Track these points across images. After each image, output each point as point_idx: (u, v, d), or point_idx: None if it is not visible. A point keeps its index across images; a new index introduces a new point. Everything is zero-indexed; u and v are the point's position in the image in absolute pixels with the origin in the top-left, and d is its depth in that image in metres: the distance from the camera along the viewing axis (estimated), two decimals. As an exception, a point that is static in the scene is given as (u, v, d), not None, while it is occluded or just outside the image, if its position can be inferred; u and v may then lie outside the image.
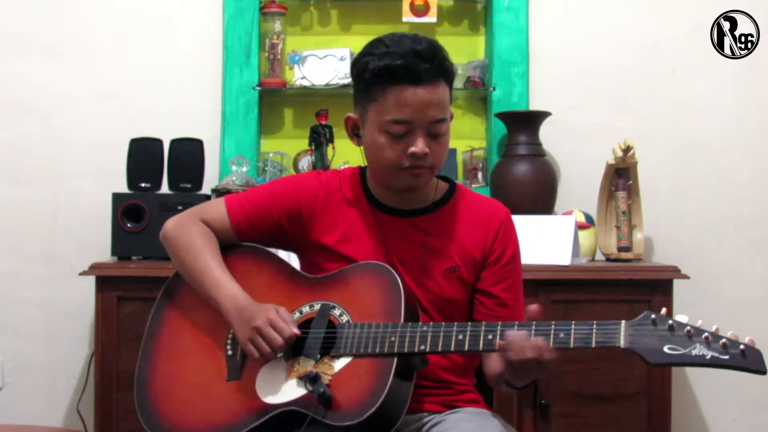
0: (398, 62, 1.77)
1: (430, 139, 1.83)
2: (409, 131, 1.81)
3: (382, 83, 1.80)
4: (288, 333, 1.78)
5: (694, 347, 1.56)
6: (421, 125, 1.81)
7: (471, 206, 1.97)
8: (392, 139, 1.82)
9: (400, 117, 1.80)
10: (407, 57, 1.77)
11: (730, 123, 3.32)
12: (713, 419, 3.31)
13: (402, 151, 1.82)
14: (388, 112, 1.81)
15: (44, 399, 3.30)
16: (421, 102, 1.79)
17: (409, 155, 1.82)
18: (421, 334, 1.74)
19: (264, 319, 1.79)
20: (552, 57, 3.33)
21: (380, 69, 1.79)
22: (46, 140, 3.31)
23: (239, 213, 1.96)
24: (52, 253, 3.30)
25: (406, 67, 1.77)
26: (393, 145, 1.82)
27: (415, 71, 1.77)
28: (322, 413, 1.70)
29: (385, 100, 1.80)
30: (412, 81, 1.78)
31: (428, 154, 1.83)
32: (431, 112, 1.81)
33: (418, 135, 1.81)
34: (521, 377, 1.76)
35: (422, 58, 1.78)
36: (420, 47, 1.79)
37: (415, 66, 1.77)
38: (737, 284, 3.31)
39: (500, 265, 1.94)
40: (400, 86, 1.78)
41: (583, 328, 1.65)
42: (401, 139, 1.82)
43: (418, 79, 1.78)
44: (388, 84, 1.79)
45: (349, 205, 1.96)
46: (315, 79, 3.27)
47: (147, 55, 3.33)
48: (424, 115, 1.80)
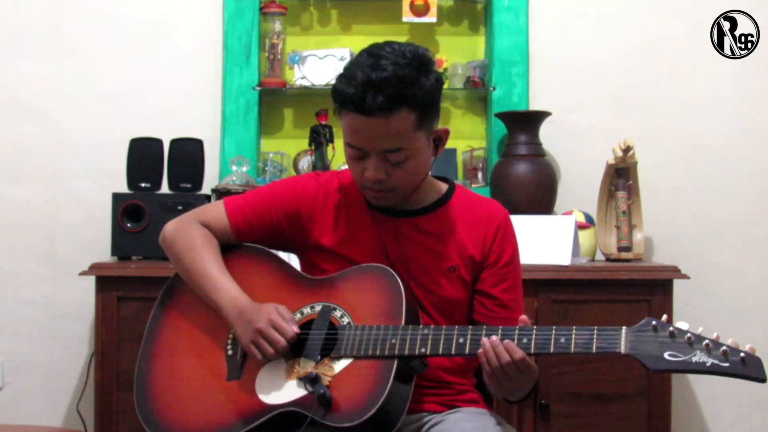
0: (350, 91, 1.76)
1: (389, 165, 1.82)
2: (364, 156, 1.83)
3: (339, 106, 1.81)
4: (290, 334, 1.79)
5: (694, 354, 1.56)
6: (374, 152, 1.81)
7: (470, 206, 1.97)
8: (352, 160, 1.85)
9: (351, 142, 1.82)
10: (360, 86, 1.75)
11: (730, 123, 3.32)
12: (713, 419, 3.31)
13: (362, 170, 1.84)
14: (345, 133, 1.84)
15: (44, 399, 3.30)
16: (369, 131, 1.78)
17: (366, 178, 1.84)
18: (422, 336, 1.75)
19: (265, 320, 1.80)
20: (552, 57, 3.33)
21: (336, 93, 1.80)
22: (46, 140, 3.31)
23: (238, 215, 1.97)
24: (52, 253, 3.30)
25: (353, 96, 1.75)
26: (354, 165, 1.85)
27: (363, 102, 1.74)
28: (321, 414, 1.70)
29: (342, 120, 1.82)
30: (360, 111, 1.76)
31: (386, 179, 1.83)
32: (381, 143, 1.79)
33: (372, 160, 1.82)
34: (503, 385, 1.75)
35: (377, 87, 1.74)
36: (377, 76, 1.74)
37: (363, 97, 1.74)
38: (737, 284, 3.31)
39: (499, 266, 1.94)
40: (351, 114, 1.78)
41: (584, 333, 1.66)
42: (359, 161, 1.84)
43: (365, 111, 1.75)
44: (342, 109, 1.80)
45: (348, 206, 1.96)
46: (315, 79, 3.27)
47: (147, 55, 3.33)
48: (374, 144, 1.80)
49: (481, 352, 1.70)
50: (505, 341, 1.69)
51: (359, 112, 1.76)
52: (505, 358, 1.68)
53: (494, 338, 1.70)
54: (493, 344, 1.69)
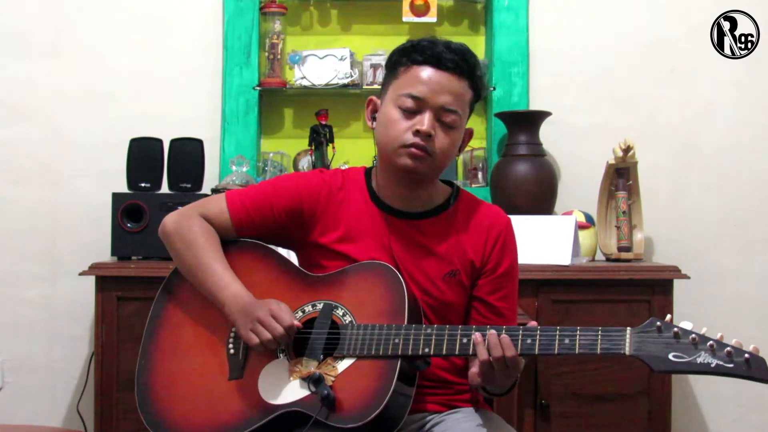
0: (425, 43, 1.87)
1: (438, 126, 1.86)
2: (419, 109, 1.85)
3: (407, 61, 1.87)
4: (288, 322, 1.78)
5: (699, 355, 1.56)
6: (433, 107, 1.85)
7: (473, 211, 1.97)
8: (403, 114, 1.86)
9: (414, 92, 1.85)
10: (437, 44, 1.87)
11: (730, 123, 3.32)
12: (713, 419, 3.31)
13: (409, 127, 1.85)
14: (404, 87, 1.86)
15: (44, 399, 3.29)
16: (436, 83, 1.85)
17: (414, 132, 1.84)
18: (425, 336, 1.75)
19: (265, 309, 1.79)
20: (552, 57, 3.33)
21: (409, 48, 1.89)
22: (46, 140, 3.31)
23: (240, 209, 1.95)
24: (52, 253, 3.30)
25: (431, 49, 1.86)
26: (402, 121, 1.86)
27: (439, 55, 1.85)
28: (325, 415, 1.70)
29: (405, 75, 1.87)
30: (433, 63, 1.85)
31: (433, 138, 1.85)
32: (444, 98, 1.85)
33: (427, 114, 1.85)
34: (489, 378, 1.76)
35: (451, 50, 1.86)
36: (454, 45, 1.88)
37: (441, 52, 1.85)
38: (737, 284, 3.31)
39: (497, 274, 1.94)
40: (422, 66, 1.86)
41: (588, 334, 1.66)
42: (411, 117, 1.86)
43: (439, 63, 1.85)
44: (412, 62, 1.87)
45: (352, 204, 1.96)
46: (315, 79, 3.26)
47: (147, 55, 3.33)
48: (437, 98, 1.85)
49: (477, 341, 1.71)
50: (501, 335, 1.69)
51: (433, 64, 1.85)
52: (497, 354, 1.69)
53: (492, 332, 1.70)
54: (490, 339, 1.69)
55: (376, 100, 1.96)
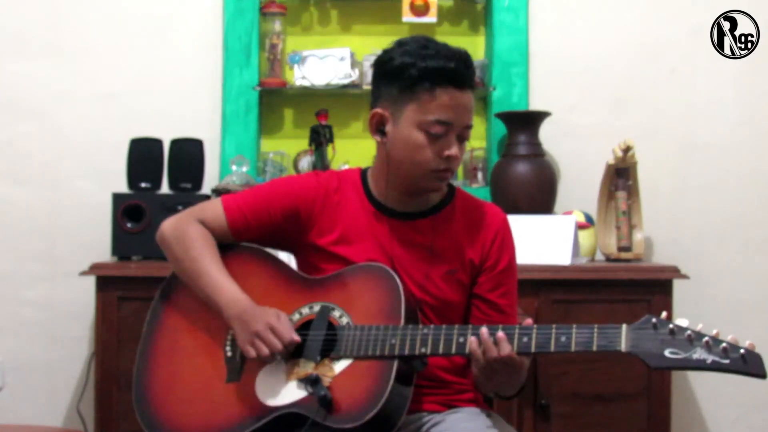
0: (451, 65, 1.82)
1: (458, 144, 1.87)
2: (446, 133, 1.84)
3: (431, 84, 1.82)
4: (288, 338, 1.78)
5: (694, 351, 1.57)
6: (458, 129, 1.85)
7: (469, 209, 1.98)
8: (430, 140, 1.84)
9: (444, 118, 1.83)
10: (458, 62, 1.83)
11: (730, 123, 3.32)
12: (713, 419, 3.31)
13: (437, 153, 1.85)
14: (432, 112, 1.83)
15: (44, 399, 3.29)
16: (461, 106, 1.85)
17: (444, 158, 1.85)
18: (422, 336, 1.75)
19: (264, 324, 1.79)
20: (552, 57, 3.32)
21: (433, 70, 1.82)
22: (46, 140, 3.31)
23: (236, 214, 1.96)
24: (52, 253, 3.30)
25: (456, 71, 1.83)
26: (430, 146, 1.85)
27: (464, 76, 1.84)
28: (322, 416, 1.71)
29: (432, 99, 1.83)
30: (459, 85, 1.83)
31: (457, 156, 1.87)
32: (467, 117, 1.87)
33: (452, 138, 1.85)
34: (492, 380, 1.76)
35: (465, 62, 1.85)
36: (462, 54, 1.86)
37: (464, 72, 1.84)
38: (737, 284, 3.31)
39: (497, 271, 1.95)
40: (449, 88, 1.83)
41: (584, 331, 1.66)
42: (437, 141, 1.84)
43: (463, 84, 1.84)
44: (438, 85, 1.82)
45: (348, 206, 1.96)
46: (315, 79, 3.26)
47: (147, 55, 3.33)
48: (462, 120, 1.85)
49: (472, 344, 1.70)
50: (497, 333, 1.69)
51: (455, 86, 1.83)
52: (491, 354, 1.68)
53: (483, 330, 1.70)
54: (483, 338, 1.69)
55: (383, 114, 1.89)
